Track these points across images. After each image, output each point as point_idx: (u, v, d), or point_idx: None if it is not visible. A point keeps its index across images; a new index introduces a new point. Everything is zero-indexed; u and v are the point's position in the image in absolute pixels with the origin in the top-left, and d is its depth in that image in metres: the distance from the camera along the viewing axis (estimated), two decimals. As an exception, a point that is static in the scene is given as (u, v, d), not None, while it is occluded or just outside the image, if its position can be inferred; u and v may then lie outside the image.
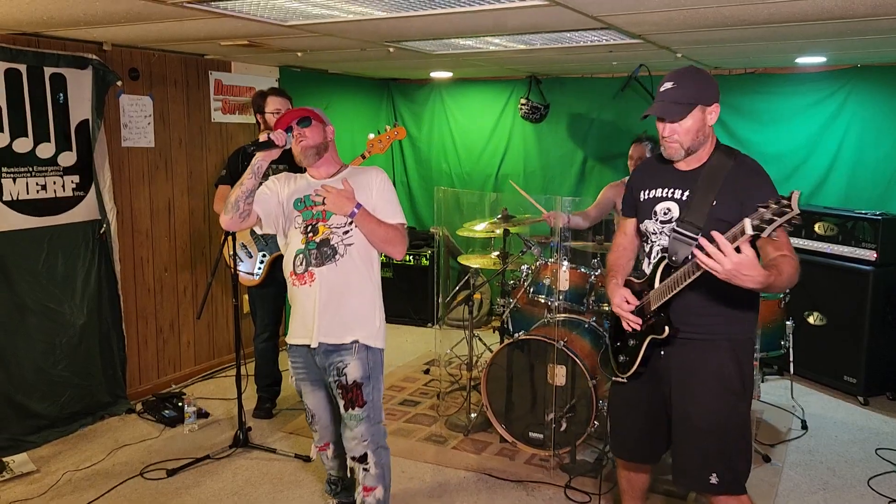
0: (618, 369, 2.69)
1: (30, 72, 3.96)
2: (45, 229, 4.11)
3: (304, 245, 2.82)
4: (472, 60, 5.15)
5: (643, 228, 2.60)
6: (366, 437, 2.87)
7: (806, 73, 5.47)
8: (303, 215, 2.87)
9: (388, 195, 2.90)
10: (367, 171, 2.94)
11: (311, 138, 2.85)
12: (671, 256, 2.43)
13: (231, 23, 3.44)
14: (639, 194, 2.63)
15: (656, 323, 2.48)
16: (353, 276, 2.83)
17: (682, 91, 2.38)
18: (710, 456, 2.44)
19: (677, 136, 2.40)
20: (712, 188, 2.39)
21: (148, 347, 4.84)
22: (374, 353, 2.89)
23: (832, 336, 4.85)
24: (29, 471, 3.74)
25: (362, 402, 2.84)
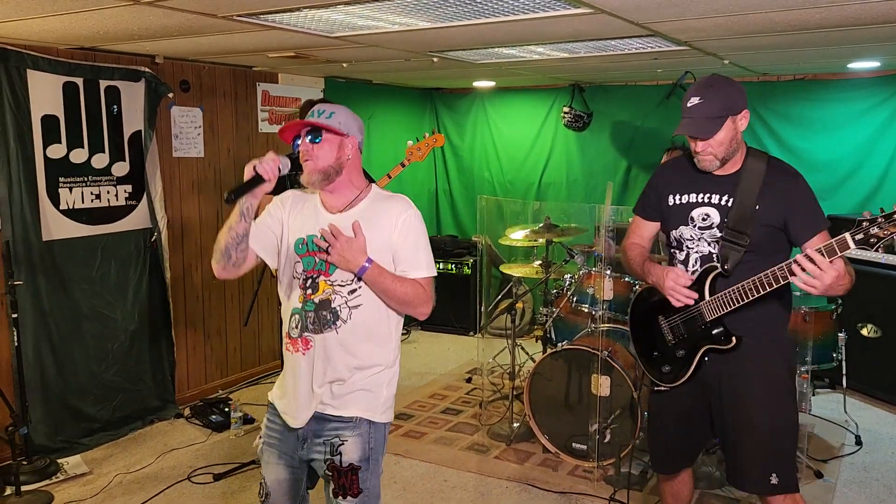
0: (659, 379, 2.63)
1: (86, 85, 4.10)
2: (98, 237, 4.23)
3: (301, 304, 2.23)
4: (515, 69, 5.15)
5: (676, 235, 2.54)
6: None
7: (857, 79, 5.34)
8: (303, 262, 2.25)
9: (415, 238, 2.26)
10: (393, 202, 2.29)
11: (321, 158, 2.21)
12: (723, 265, 2.39)
13: (279, 35, 3.51)
14: (667, 199, 2.56)
15: (716, 335, 2.43)
16: (358, 346, 2.24)
17: (710, 105, 2.34)
18: (769, 457, 2.42)
19: (711, 149, 2.38)
20: (752, 192, 2.37)
21: (196, 353, 4.93)
22: (377, 430, 2.29)
23: (887, 348, 4.70)
24: (82, 472, 3.85)
25: (357, 490, 2.24)
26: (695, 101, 2.35)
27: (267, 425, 2.37)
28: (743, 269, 2.35)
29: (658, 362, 2.63)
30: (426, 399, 4.96)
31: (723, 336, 2.42)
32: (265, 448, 2.36)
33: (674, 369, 2.57)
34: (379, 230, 2.22)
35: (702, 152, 2.39)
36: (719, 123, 2.34)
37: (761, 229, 2.34)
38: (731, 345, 2.41)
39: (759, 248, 2.34)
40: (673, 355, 2.57)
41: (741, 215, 2.37)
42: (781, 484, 2.41)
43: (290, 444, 2.30)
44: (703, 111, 2.34)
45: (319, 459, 2.26)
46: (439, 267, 6.48)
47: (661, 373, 2.62)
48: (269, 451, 2.34)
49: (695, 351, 2.49)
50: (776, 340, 2.48)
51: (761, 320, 2.43)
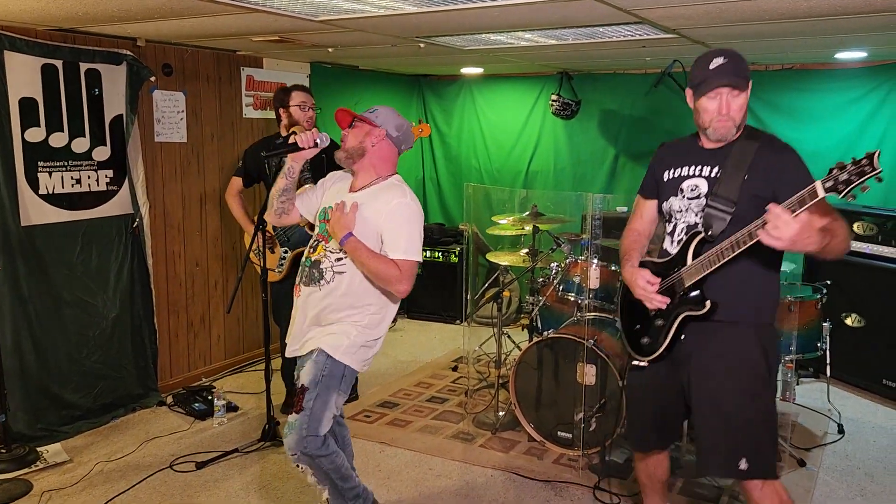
0: (639, 353, 2.65)
1: (66, 67, 4.02)
2: (79, 223, 4.17)
3: (305, 259, 2.76)
4: (503, 56, 5.11)
5: (667, 207, 2.58)
6: (294, 451, 2.61)
7: (845, 69, 5.34)
8: (320, 227, 2.78)
9: (400, 222, 2.61)
10: (393, 191, 2.70)
11: (348, 140, 2.72)
12: (707, 230, 2.41)
13: (263, 18, 3.45)
14: (662, 174, 2.61)
15: (692, 299, 2.45)
16: (335, 305, 2.65)
17: (736, 65, 2.36)
18: (738, 441, 2.40)
19: (732, 112, 2.38)
20: (743, 164, 2.39)
21: (179, 341, 4.89)
22: (334, 365, 2.64)
23: (870, 338, 4.73)
24: (62, 461, 3.80)
25: (300, 407, 2.59)
26: (720, 60, 2.35)
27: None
28: (727, 237, 2.35)
29: (638, 335, 2.66)
30: (412, 387, 4.94)
31: (698, 301, 2.44)
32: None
33: (652, 341, 2.59)
34: (375, 212, 2.62)
35: (726, 115, 2.38)
36: (746, 83, 2.37)
37: (750, 199, 2.35)
38: (705, 309, 2.42)
39: (745, 218, 2.32)
40: (652, 325, 2.59)
41: (729, 184, 2.39)
42: (752, 469, 2.38)
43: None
44: (731, 69, 2.35)
45: None
46: (426, 255, 6.46)
47: (640, 346, 2.64)
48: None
49: (672, 319, 2.51)
50: (757, 325, 2.48)
51: (741, 301, 2.44)
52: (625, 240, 2.77)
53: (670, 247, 2.55)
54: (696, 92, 2.42)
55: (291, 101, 4.18)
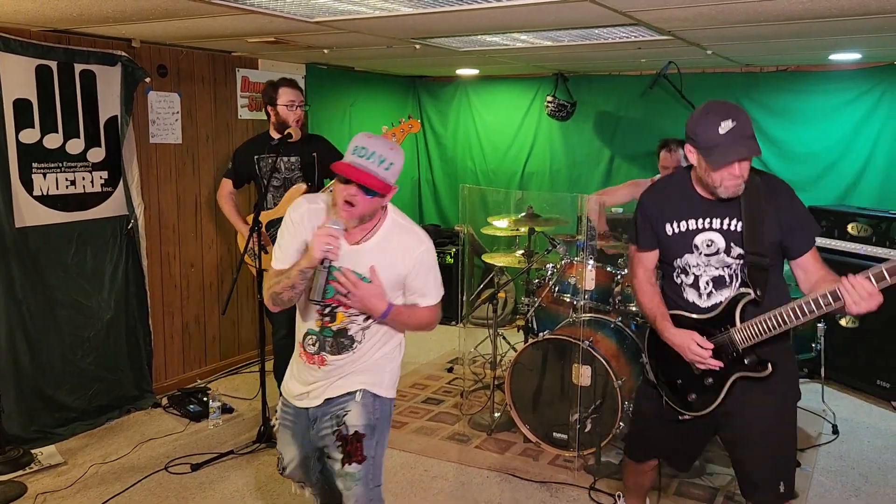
0: (684, 408, 2.56)
1: (60, 68, 4.01)
2: (74, 224, 4.16)
3: (319, 329, 2.42)
4: (499, 57, 5.12)
5: (681, 263, 2.49)
6: (360, 502, 2.41)
7: (839, 71, 5.36)
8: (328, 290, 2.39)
9: (426, 272, 2.41)
10: (407, 239, 2.39)
11: (362, 208, 2.25)
12: (755, 291, 2.35)
13: (258, 19, 3.45)
14: (663, 227, 2.50)
15: (750, 361, 2.39)
16: (368, 353, 2.47)
17: (744, 125, 2.24)
18: (779, 467, 2.48)
19: (744, 173, 2.29)
20: (757, 213, 2.33)
21: (174, 342, 4.88)
22: (381, 403, 2.47)
23: (865, 339, 4.74)
24: (56, 463, 3.79)
25: (361, 457, 2.38)
26: (729, 124, 2.22)
27: (281, 409, 2.59)
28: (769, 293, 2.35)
29: (682, 391, 2.57)
30: (407, 389, 4.94)
31: (757, 364, 2.38)
32: (281, 428, 2.60)
33: (701, 398, 2.51)
34: (392, 266, 2.35)
35: (738, 176, 2.28)
36: (756, 141, 2.26)
37: (770, 248, 2.34)
38: (766, 373, 2.37)
39: (774, 269, 2.36)
40: (700, 384, 2.51)
41: (755, 237, 2.33)
42: (787, 491, 2.48)
43: (302, 424, 2.51)
44: (742, 132, 2.23)
45: (328, 434, 2.42)
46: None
47: (685, 401, 2.56)
48: (284, 431, 2.58)
49: (725, 379, 2.44)
50: (787, 351, 2.49)
51: (775, 347, 2.39)
52: (643, 296, 2.63)
53: (699, 300, 2.48)
54: (705, 157, 2.29)
55: (279, 99, 4.06)
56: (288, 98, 4.06)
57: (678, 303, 2.54)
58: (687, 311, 2.51)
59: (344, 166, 2.21)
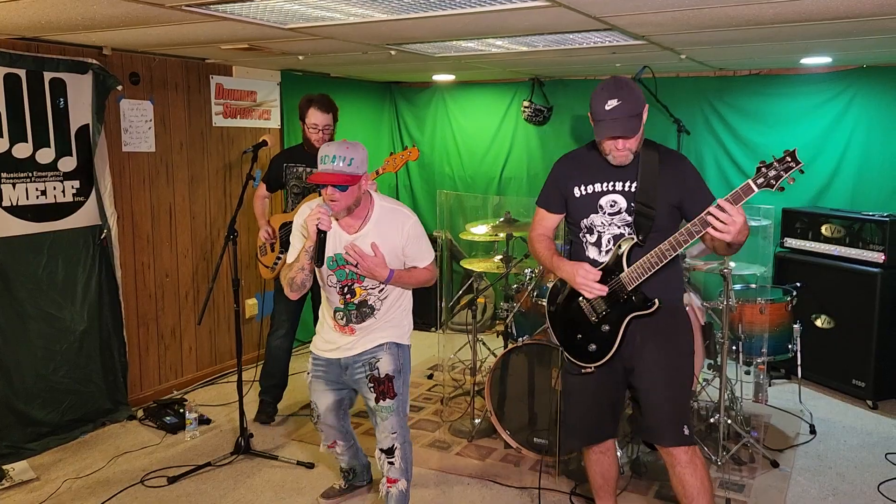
0: (585, 360, 2.78)
1: (29, 76, 3.94)
2: (45, 235, 4.08)
3: (344, 306, 2.99)
4: (475, 63, 5.12)
5: (587, 223, 2.73)
6: (395, 430, 3.02)
7: (811, 74, 5.43)
8: (336, 275, 2.96)
9: (418, 238, 2.98)
10: (396, 214, 2.97)
11: (343, 201, 2.81)
12: (639, 236, 2.62)
13: (230, 26, 3.41)
14: (571, 190, 2.76)
15: (638, 300, 2.65)
16: (388, 313, 3.03)
17: (628, 104, 2.51)
18: (678, 412, 2.71)
19: (629, 146, 2.58)
20: (653, 176, 2.62)
21: (149, 353, 4.81)
22: (403, 351, 3.08)
23: (840, 339, 4.80)
24: (29, 478, 3.71)
25: (394, 393, 2.99)
26: (613, 103, 2.51)
27: (312, 363, 3.15)
28: (652, 242, 2.59)
29: (583, 343, 2.78)
30: (387, 396, 4.91)
31: (645, 301, 2.65)
32: (313, 380, 3.15)
33: (601, 346, 2.73)
34: (390, 241, 2.92)
35: (622, 150, 2.58)
36: (639, 121, 2.55)
37: (662, 206, 2.62)
38: (654, 308, 2.64)
39: (662, 224, 2.62)
40: (598, 332, 2.73)
41: (646, 194, 2.62)
42: (690, 434, 2.69)
43: (334, 372, 3.09)
44: (625, 111, 2.51)
45: (361, 378, 3.02)
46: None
47: (587, 353, 2.77)
48: (317, 382, 3.14)
49: (620, 322, 2.69)
50: (676, 307, 2.76)
51: (663, 287, 2.67)
52: (538, 244, 2.90)
53: (599, 256, 2.73)
54: (594, 129, 2.58)
55: (307, 119, 4.21)
56: (313, 121, 4.21)
57: (580, 260, 2.77)
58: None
59: (316, 176, 2.79)
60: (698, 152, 5.77)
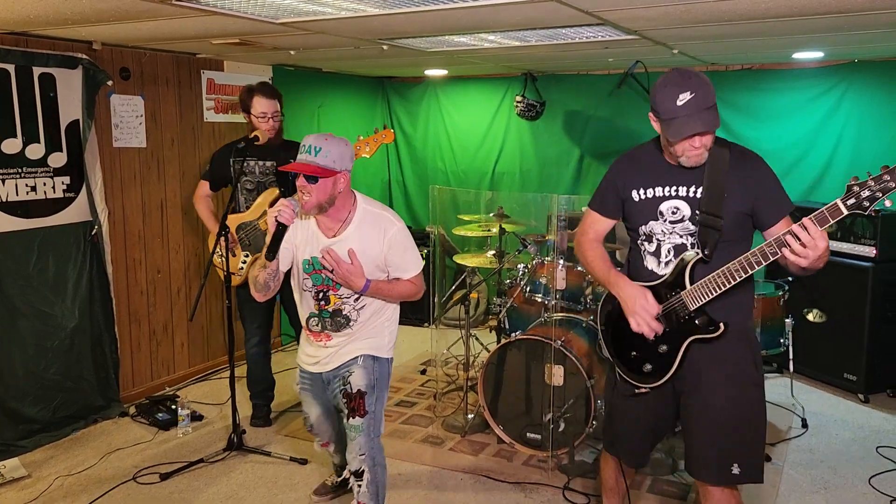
0: (639, 381, 2.53)
1: (18, 71, 3.91)
2: (35, 231, 4.06)
3: (318, 312, 2.82)
4: (467, 58, 5.11)
5: (646, 230, 2.49)
6: (363, 451, 2.83)
7: (803, 69, 5.44)
8: (312, 279, 2.79)
9: (404, 250, 2.77)
10: (379, 219, 2.75)
11: (315, 194, 2.62)
12: (703, 250, 2.35)
13: (221, 21, 3.39)
14: (629, 194, 2.50)
15: (702, 322, 2.37)
16: (367, 324, 2.84)
17: (702, 97, 2.21)
18: (733, 448, 2.40)
19: (705, 143, 2.29)
20: (720, 180, 2.33)
21: (141, 350, 4.79)
22: (381, 364, 2.87)
23: (832, 333, 4.82)
24: (20, 476, 3.70)
25: (363, 411, 2.80)
26: (686, 97, 2.20)
27: (299, 375, 3.03)
28: (718, 256, 2.32)
29: (637, 362, 2.53)
30: (380, 392, 4.90)
31: (708, 324, 2.36)
32: (301, 392, 3.05)
33: (657, 367, 2.48)
34: (371, 249, 2.71)
35: (699, 147, 2.28)
36: (716, 112, 2.25)
37: (731, 215, 2.33)
38: (719, 332, 2.35)
39: (731, 235, 2.33)
40: (654, 352, 2.48)
41: (713, 202, 2.33)
42: (742, 474, 2.40)
43: (318, 386, 2.97)
44: (700, 104, 2.21)
45: (337, 392, 2.86)
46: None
47: (641, 373, 2.52)
48: (305, 394, 3.05)
49: (679, 344, 2.42)
50: (744, 329, 2.46)
51: (731, 308, 2.39)
52: (591, 252, 2.63)
53: (657, 268, 2.47)
54: (665, 128, 2.29)
55: (252, 109, 4.02)
56: (261, 109, 4.00)
57: (637, 271, 2.53)
58: (643, 281, 2.49)
59: (289, 164, 2.64)
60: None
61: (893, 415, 4.48)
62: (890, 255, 4.61)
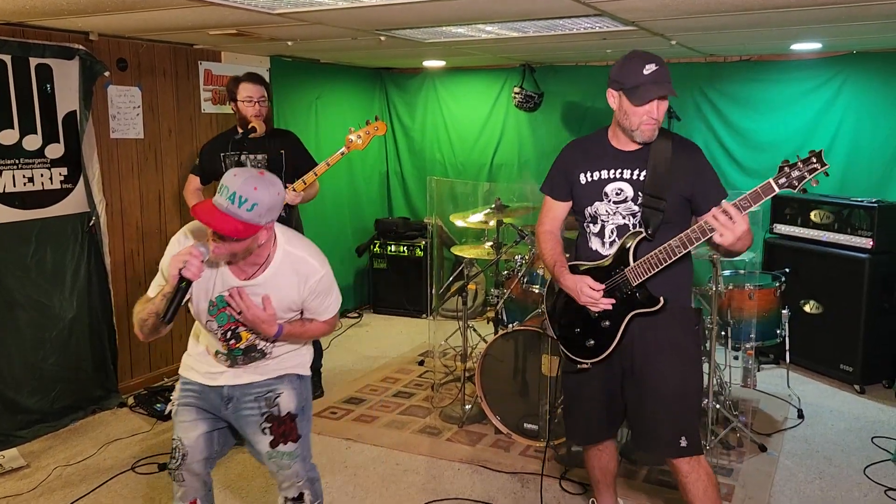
0: (581, 356, 2.68)
1: (15, 62, 3.90)
2: (33, 222, 4.06)
3: (227, 351, 2.40)
4: (465, 49, 5.10)
5: (591, 211, 2.62)
6: (301, 477, 2.52)
7: (801, 60, 5.43)
8: (217, 320, 2.34)
9: (323, 294, 2.40)
10: (302, 267, 2.33)
11: (229, 249, 2.16)
12: (647, 229, 2.50)
13: (218, 11, 3.38)
14: (577, 177, 2.65)
15: (642, 297, 2.53)
16: (284, 349, 2.49)
17: (665, 70, 2.43)
18: (678, 421, 2.56)
19: (660, 116, 2.47)
20: (664, 165, 2.49)
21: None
22: (305, 383, 2.58)
23: (828, 324, 4.83)
24: (19, 466, 3.71)
25: (296, 436, 2.48)
26: (652, 67, 2.40)
27: (182, 387, 2.49)
28: (661, 236, 2.47)
29: (580, 338, 2.68)
30: (378, 383, 4.92)
31: (649, 299, 2.52)
32: (181, 409, 2.47)
33: (599, 341, 2.63)
34: (287, 296, 2.32)
35: (655, 118, 2.45)
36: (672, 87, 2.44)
37: (676, 199, 2.50)
38: (658, 305, 2.51)
39: (672, 216, 2.50)
40: (597, 327, 2.62)
41: (657, 184, 2.49)
42: (690, 446, 2.55)
43: (210, 401, 2.46)
44: (664, 75, 2.41)
45: (252, 415, 2.44)
46: (391, 250, 6.44)
47: (584, 348, 2.67)
48: (186, 411, 2.46)
49: (621, 318, 2.57)
50: (682, 308, 2.63)
51: (668, 288, 2.54)
52: (544, 244, 2.79)
53: (602, 248, 2.62)
54: (629, 96, 2.44)
55: (238, 94, 3.95)
56: (246, 93, 3.93)
57: (584, 252, 2.68)
58: (588, 261, 2.64)
59: (202, 213, 2.08)
60: (689, 138, 5.77)
61: (889, 406, 4.50)
62: (886, 247, 4.62)
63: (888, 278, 4.66)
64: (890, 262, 4.65)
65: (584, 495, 3.42)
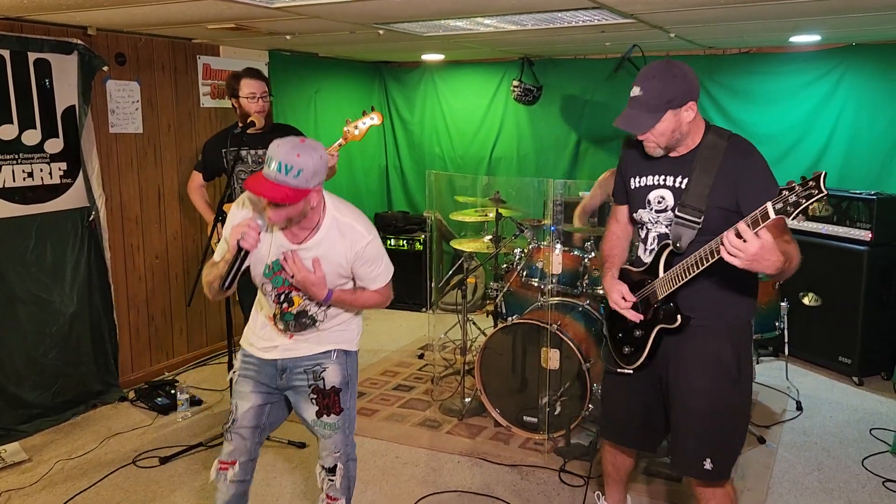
0: (622, 361, 2.59)
1: (13, 57, 3.90)
2: (32, 217, 4.06)
3: (281, 314, 2.55)
4: (464, 42, 5.09)
5: (637, 217, 2.52)
6: (339, 449, 2.64)
7: (800, 53, 5.42)
8: (272, 283, 2.50)
9: (372, 260, 2.50)
10: (349, 232, 2.46)
11: (286, 213, 2.30)
12: (675, 243, 2.36)
13: (216, 5, 3.38)
14: (629, 181, 2.53)
15: (666, 312, 2.41)
16: (335, 320, 2.61)
17: (649, 97, 2.26)
18: (705, 442, 2.42)
19: (653, 138, 2.33)
20: (709, 172, 2.31)
21: (140, 335, 4.81)
22: (351, 359, 2.68)
23: (827, 317, 4.84)
24: (21, 460, 3.73)
25: (339, 409, 2.61)
26: (636, 91, 2.28)
27: (242, 359, 2.64)
28: (695, 249, 2.28)
29: (621, 343, 2.60)
30: (378, 376, 4.94)
31: (670, 315, 2.39)
32: (240, 379, 2.62)
33: (633, 351, 2.54)
34: (336, 259, 2.45)
35: (644, 140, 2.35)
36: (657, 117, 2.27)
37: (714, 211, 2.29)
38: (677, 324, 2.38)
39: (712, 229, 2.24)
40: (633, 336, 2.54)
41: (695, 195, 2.31)
42: (714, 471, 2.41)
43: (266, 374, 2.60)
44: (643, 102, 2.27)
45: (301, 386, 2.59)
46: (390, 244, 6.44)
47: (623, 354, 2.59)
48: (245, 381, 2.61)
49: (649, 331, 2.47)
50: (730, 326, 2.43)
51: (716, 303, 2.39)
52: (605, 244, 2.72)
53: (644, 255, 2.51)
54: None
55: (241, 91, 3.91)
56: (249, 90, 3.89)
57: (636, 258, 2.59)
58: (634, 267, 2.56)
59: (254, 185, 2.22)
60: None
61: (887, 398, 4.52)
62: (885, 239, 4.63)
63: (887, 270, 4.67)
64: (888, 254, 4.66)
65: (583, 487, 3.43)
